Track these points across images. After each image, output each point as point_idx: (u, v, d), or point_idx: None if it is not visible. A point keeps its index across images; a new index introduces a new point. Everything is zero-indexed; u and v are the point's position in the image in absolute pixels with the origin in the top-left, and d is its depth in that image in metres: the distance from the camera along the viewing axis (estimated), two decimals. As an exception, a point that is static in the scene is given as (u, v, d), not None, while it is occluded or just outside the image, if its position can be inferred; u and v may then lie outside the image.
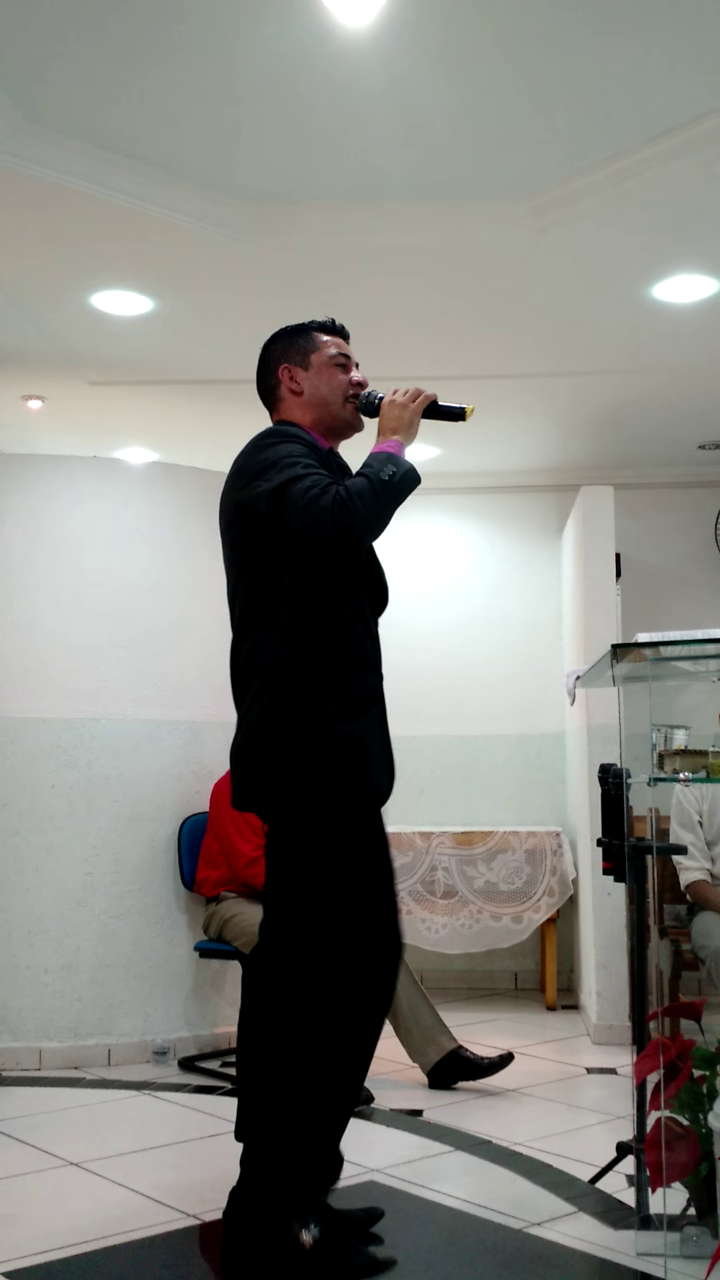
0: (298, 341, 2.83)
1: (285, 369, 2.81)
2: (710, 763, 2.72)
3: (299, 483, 2.53)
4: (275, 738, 2.58)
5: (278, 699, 2.58)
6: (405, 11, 3.02)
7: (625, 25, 3.07)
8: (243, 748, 2.66)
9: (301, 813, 2.59)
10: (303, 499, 2.50)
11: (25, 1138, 3.61)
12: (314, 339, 2.83)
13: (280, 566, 2.61)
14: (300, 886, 2.61)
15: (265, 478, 2.58)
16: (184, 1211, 2.97)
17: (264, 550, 2.63)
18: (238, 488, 2.67)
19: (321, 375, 2.80)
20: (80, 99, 3.41)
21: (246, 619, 2.69)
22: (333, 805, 2.58)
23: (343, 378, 2.81)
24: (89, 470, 4.96)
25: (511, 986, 6.36)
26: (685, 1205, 2.66)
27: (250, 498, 2.60)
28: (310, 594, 2.61)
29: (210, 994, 4.84)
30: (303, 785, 2.57)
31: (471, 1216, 2.94)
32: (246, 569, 2.68)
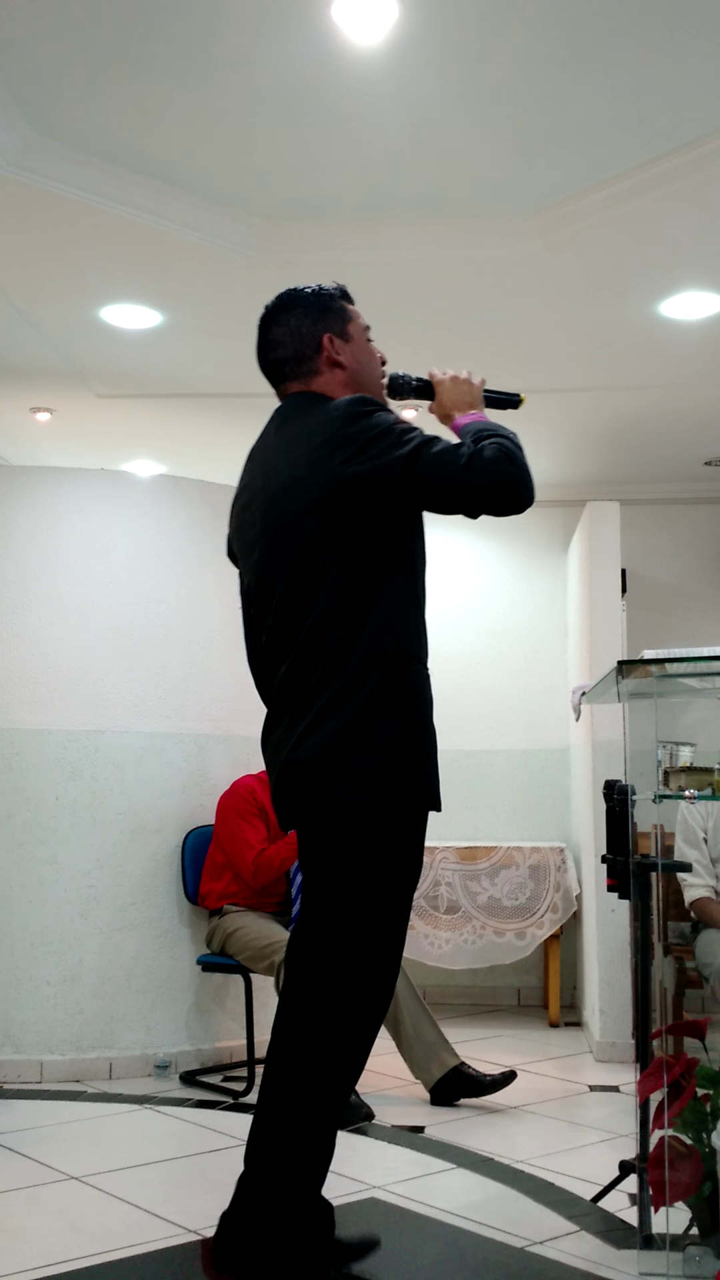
0: (332, 309, 2.59)
1: (330, 339, 2.55)
2: (716, 780, 2.72)
3: (436, 443, 2.33)
4: (371, 736, 2.35)
5: (376, 697, 2.36)
6: (415, 31, 3.04)
7: (632, 44, 3.08)
8: (325, 752, 2.36)
9: (381, 820, 2.38)
10: (458, 457, 2.30)
11: (26, 1151, 3.60)
12: (345, 309, 2.62)
13: (379, 551, 2.41)
14: (365, 897, 2.40)
15: (391, 444, 2.33)
16: (184, 1227, 2.96)
17: (365, 532, 2.40)
18: (335, 462, 2.37)
19: (361, 348, 2.60)
20: (92, 114, 3.43)
21: (338, 608, 2.39)
22: (411, 812, 2.43)
23: (376, 352, 2.64)
24: (96, 483, 4.97)
25: (514, 1003, 6.34)
26: (688, 1225, 2.65)
27: (372, 468, 2.34)
28: (400, 582, 2.45)
29: (212, 1008, 4.82)
30: (388, 792, 2.37)
31: (473, 1234, 2.93)
32: (338, 554, 2.40)
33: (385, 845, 2.41)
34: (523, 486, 2.33)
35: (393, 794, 2.39)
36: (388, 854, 2.41)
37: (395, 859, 2.43)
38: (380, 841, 2.40)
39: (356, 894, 2.41)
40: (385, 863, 2.41)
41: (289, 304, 2.61)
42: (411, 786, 2.41)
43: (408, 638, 2.45)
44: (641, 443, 5.95)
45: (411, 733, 2.41)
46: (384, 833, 2.40)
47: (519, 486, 2.32)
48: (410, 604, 2.48)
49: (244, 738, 4.95)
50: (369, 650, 2.38)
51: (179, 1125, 3.94)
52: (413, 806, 2.43)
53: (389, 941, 2.46)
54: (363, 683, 2.36)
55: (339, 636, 2.39)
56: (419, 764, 2.42)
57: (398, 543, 2.46)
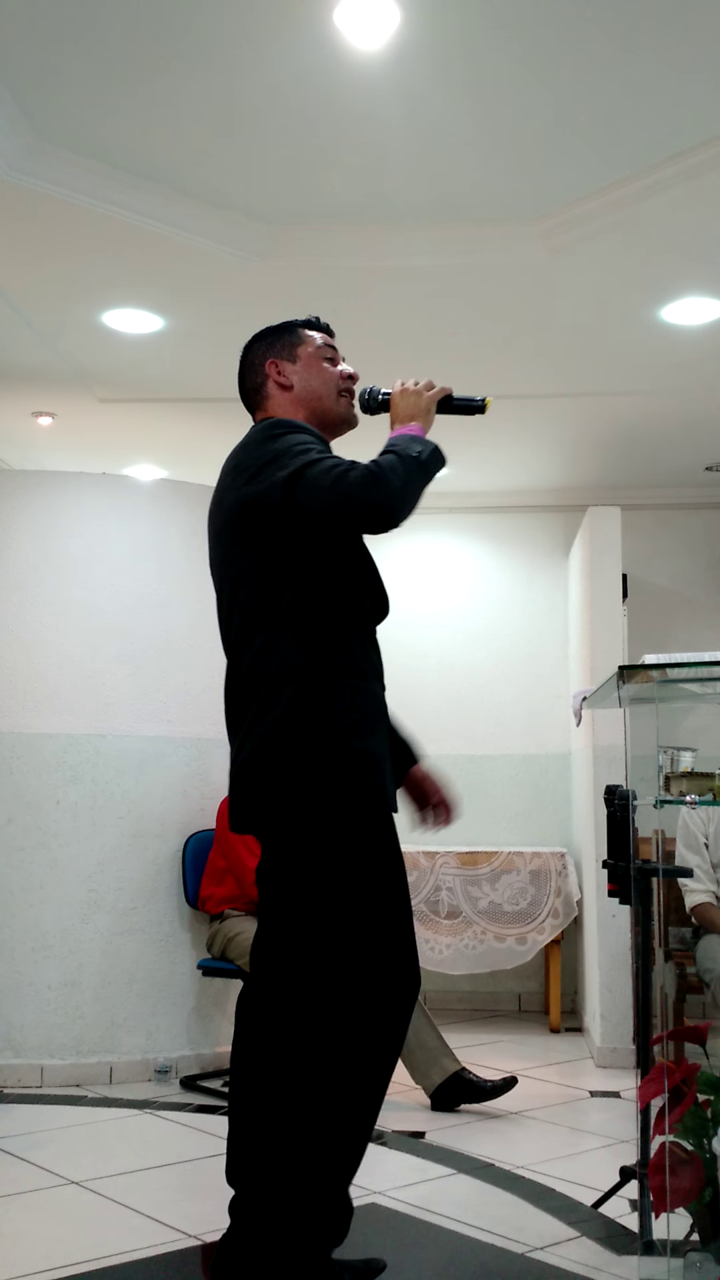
0: (283, 337, 2.71)
1: (272, 363, 2.67)
2: (717, 785, 2.72)
3: (318, 464, 2.35)
4: (287, 753, 2.38)
5: (290, 711, 2.39)
6: (417, 36, 3.04)
7: (635, 49, 3.09)
8: (248, 765, 2.45)
9: (315, 834, 2.38)
10: (326, 478, 2.31)
11: (26, 1155, 3.60)
12: (299, 334, 2.72)
13: (288, 567, 2.44)
14: (314, 914, 2.39)
15: (278, 466, 2.39)
16: (184, 1232, 2.95)
17: (270, 550, 2.45)
18: (239, 484, 2.48)
19: (311, 368, 2.66)
20: (93, 118, 3.44)
21: (249, 626, 2.48)
22: (349, 825, 2.39)
23: (332, 370, 2.68)
24: (98, 487, 4.98)
25: (515, 1008, 6.33)
26: (689, 1231, 2.64)
27: (259, 491, 2.42)
28: (319, 598, 2.45)
29: (213, 1012, 4.82)
30: (317, 804, 2.37)
31: (474, 1240, 2.92)
32: (248, 572, 2.49)
33: (315, 855, 2.39)
34: (374, 506, 2.29)
35: (314, 803, 2.37)
36: (318, 863, 2.39)
37: (333, 873, 2.38)
38: (309, 851, 2.39)
39: (294, 916, 2.41)
40: (317, 872, 2.39)
41: (252, 341, 2.77)
42: (337, 800, 2.37)
43: (326, 654, 2.42)
44: (643, 448, 5.95)
45: (332, 747, 2.38)
46: (312, 842, 2.39)
47: (369, 506, 2.29)
48: (335, 620, 2.46)
49: (245, 742, 4.94)
50: (280, 667, 2.42)
51: (179, 1130, 3.94)
52: (343, 820, 2.38)
53: (340, 949, 2.38)
54: (275, 700, 2.40)
55: (253, 654, 2.47)
56: (340, 771, 2.38)
57: (317, 560, 2.45)
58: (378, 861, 2.42)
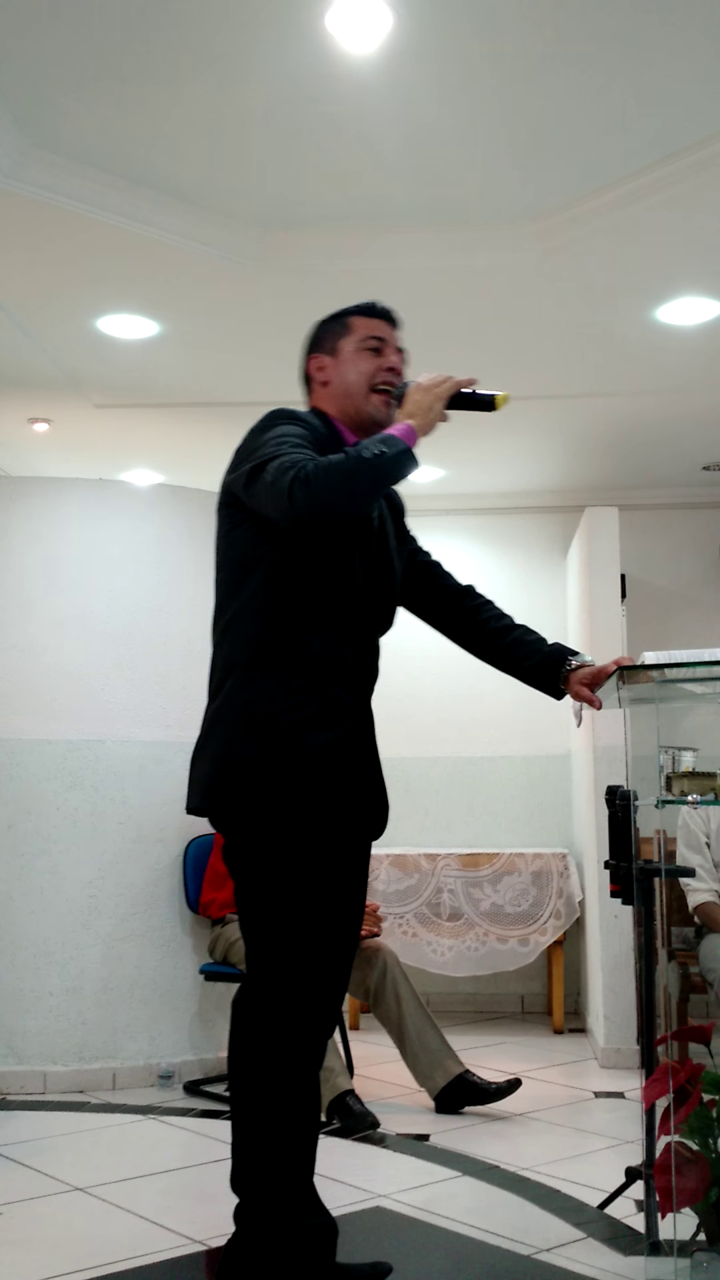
0: (330, 329, 2.62)
1: (314, 359, 2.61)
2: (718, 785, 2.71)
3: (275, 460, 2.29)
4: (221, 744, 2.38)
5: (228, 702, 2.39)
6: (410, 39, 3.04)
7: (629, 50, 3.09)
8: (195, 752, 2.49)
9: (248, 830, 2.38)
10: (272, 475, 2.27)
11: (29, 1162, 3.59)
12: (344, 323, 2.60)
13: (256, 557, 2.43)
14: (248, 906, 2.43)
15: (251, 457, 2.38)
16: (189, 1237, 2.95)
17: (241, 538, 2.46)
18: (228, 470, 2.50)
19: (348, 363, 2.56)
20: (87, 125, 3.44)
21: (217, 611, 2.52)
22: (276, 826, 2.34)
23: (370, 364, 2.56)
24: (94, 492, 4.97)
25: (518, 1010, 6.33)
26: (695, 1231, 2.64)
27: (231, 480, 2.45)
28: (282, 591, 2.40)
29: (215, 1017, 4.81)
30: (248, 799, 2.34)
31: (479, 1242, 2.92)
32: (224, 558, 2.53)
33: (242, 849, 2.41)
34: (290, 511, 2.22)
35: (243, 801, 2.35)
36: (253, 861, 2.39)
37: (263, 868, 2.38)
38: (243, 844, 2.40)
39: (242, 893, 2.45)
40: (252, 871, 2.40)
41: (311, 330, 2.68)
42: (265, 795, 2.33)
43: (277, 649, 2.38)
44: (640, 448, 5.95)
45: (265, 744, 2.33)
46: (235, 835, 2.41)
47: (289, 510, 2.22)
48: (297, 615, 2.40)
49: (245, 746, 4.94)
50: (228, 657, 2.44)
51: (183, 1135, 3.93)
52: (268, 814, 2.34)
53: (277, 950, 2.37)
54: (219, 689, 2.44)
55: (216, 638, 2.51)
56: (258, 772, 2.33)
57: (289, 554, 2.39)
58: (302, 867, 2.36)
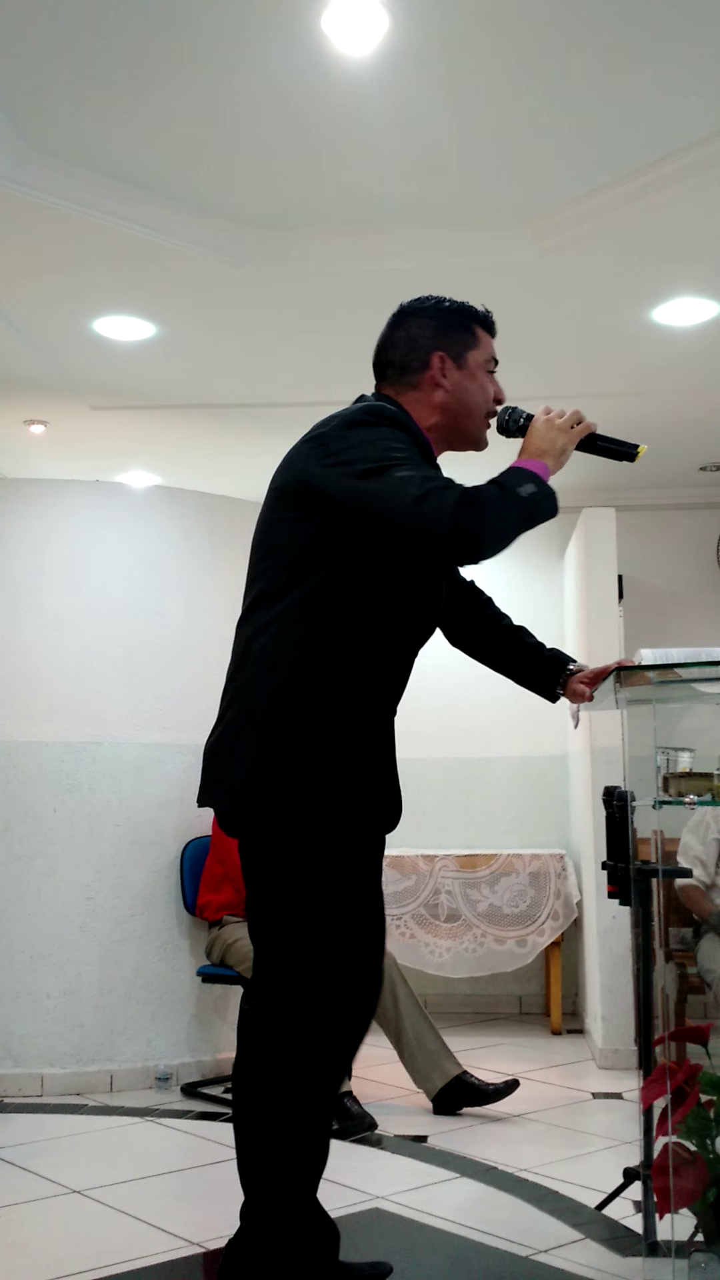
0: (458, 330, 2.47)
1: (440, 356, 2.43)
2: (715, 785, 2.72)
3: (409, 472, 2.14)
4: (258, 747, 2.25)
5: (267, 701, 2.26)
6: (406, 41, 3.04)
7: (625, 51, 3.09)
8: (215, 748, 2.36)
9: (283, 837, 2.29)
10: (418, 489, 2.11)
11: (27, 1165, 3.59)
12: (474, 333, 2.49)
13: (319, 556, 2.26)
14: (266, 916, 2.34)
15: (361, 458, 2.19)
16: (187, 1239, 2.94)
17: (308, 532, 2.27)
18: (315, 457, 2.27)
19: (474, 380, 2.47)
20: (83, 126, 3.44)
21: (261, 599, 2.32)
22: (315, 834, 2.27)
23: (491, 387, 2.51)
24: (91, 494, 4.97)
25: (516, 1011, 6.32)
26: (693, 1231, 2.64)
27: (328, 478, 2.22)
28: (346, 598, 2.27)
29: (213, 1019, 4.81)
30: (287, 807, 2.25)
31: (477, 1243, 2.92)
32: (283, 544, 2.30)
33: (269, 855, 2.32)
34: (458, 538, 2.13)
35: (274, 801, 2.26)
36: (277, 868, 2.31)
37: (288, 876, 2.29)
38: (262, 850, 2.33)
39: (256, 901, 2.37)
40: (274, 880, 2.31)
41: (420, 309, 2.51)
42: (296, 797, 2.25)
43: (327, 652, 2.26)
44: (636, 449, 5.95)
45: (297, 749, 2.24)
46: (263, 842, 2.32)
47: (453, 537, 2.12)
48: (353, 626, 2.28)
49: (242, 748, 4.93)
50: (271, 652, 2.27)
51: (181, 1137, 3.93)
52: (305, 818, 2.26)
53: (295, 951, 2.30)
54: (258, 684, 2.29)
55: (253, 630, 2.33)
56: (304, 775, 2.25)
57: (359, 559, 2.27)
58: (331, 873, 2.30)
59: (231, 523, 4.93)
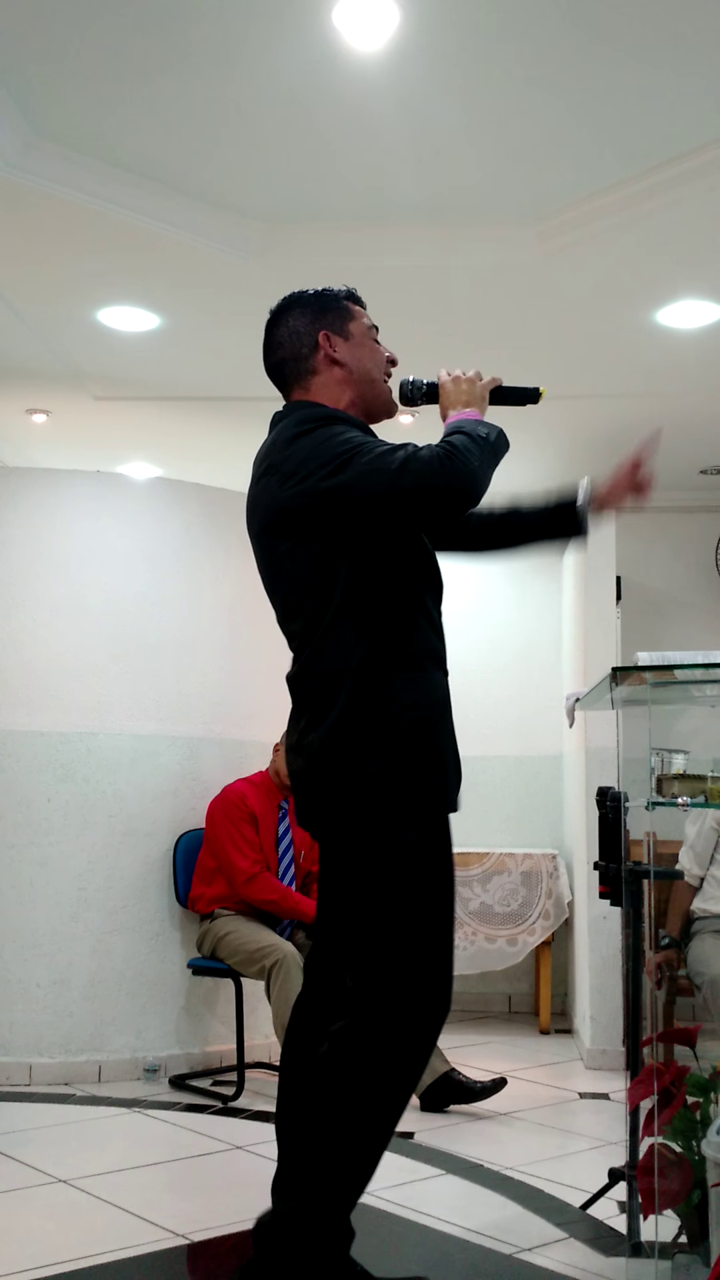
0: (331, 309, 2.52)
1: (325, 335, 2.48)
2: (709, 787, 2.72)
3: (372, 451, 2.22)
4: (345, 756, 2.29)
5: (348, 714, 2.29)
6: (416, 38, 3.04)
7: (633, 51, 3.09)
8: (308, 771, 2.36)
9: (373, 838, 2.29)
10: (389, 462, 2.18)
11: (14, 1154, 3.59)
12: (347, 308, 2.54)
13: (334, 564, 2.33)
14: (370, 918, 2.29)
15: (320, 463, 2.26)
16: (172, 1231, 2.95)
17: (315, 551, 2.34)
18: (273, 487, 2.35)
19: (363, 346, 2.50)
20: (91, 116, 3.43)
21: (309, 626, 2.37)
22: (407, 829, 2.28)
23: (379, 352, 2.54)
24: (92, 485, 4.97)
25: (505, 1009, 6.33)
26: (677, 1233, 2.64)
27: (299, 493, 2.29)
28: (371, 590, 2.34)
29: (202, 1011, 4.81)
30: (376, 809, 2.27)
31: (462, 1241, 2.92)
32: (297, 575, 2.38)
33: (384, 856, 2.29)
34: (455, 482, 2.19)
35: (381, 804, 2.28)
36: (389, 864, 2.29)
37: (398, 868, 2.29)
38: (378, 856, 2.29)
39: (367, 901, 2.31)
40: (387, 876, 2.29)
41: (290, 305, 2.57)
42: (401, 794, 2.28)
43: (383, 647, 2.33)
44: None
45: (394, 738, 2.29)
46: (381, 847, 2.29)
47: (449, 484, 2.19)
48: (391, 611, 2.36)
49: (237, 741, 4.94)
50: (334, 666, 2.33)
51: (168, 1129, 3.93)
52: (408, 814, 2.30)
53: (411, 949, 2.28)
54: (333, 699, 2.31)
55: (309, 654, 2.38)
56: (407, 769, 2.29)
57: (365, 551, 2.34)
58: (430, 865, 2.32)
59: (231, 516, 4.90)
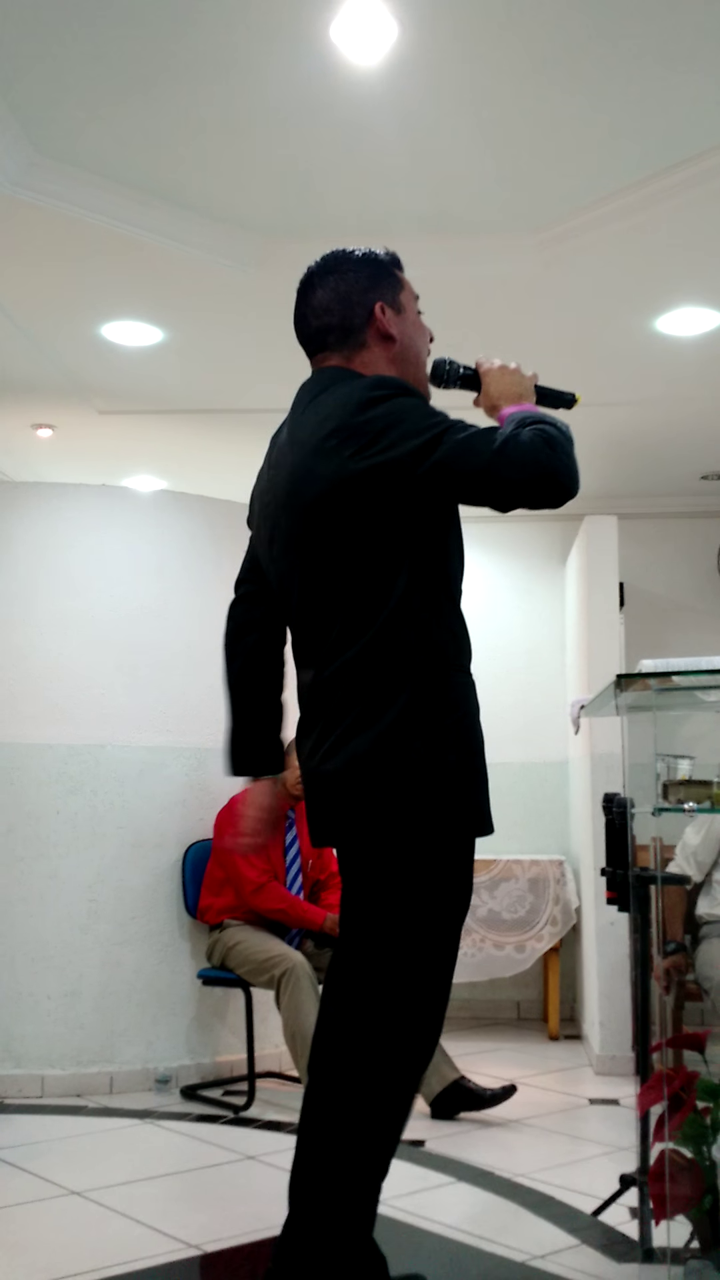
0: (385, 277, 2.33)
1: (382, 307, 2.29)
2: (715, 792, 2.73)
3: (464, 430, 2.06)
4: (400, 761, 2.12)
5: (404, 717, 2.12)
6: (414, 51, 3.07)
7: (631, 62, 3.11)
8: (351, 772, 2.15)
9: (406, 851, 2.16)
10: (487, 442, 2.05)
11: (27, 1166, 3.60)
12: (399, 278, 2.35)
13: (396, 557, 2.15)
14: (388, 933, 2.19)
15: (404, 433, 2.07)
16: (185, 1242, 2.95)
17: (381, 532, 2.14)
18: (345, 454, 2.12)
19: (413, 321, 2.34)
20: (93, 133, 3.46)
21: (355, 623, 2.16)
22: (443, 844, 2.18)
23: (425, 328, 2.39)
24: (97, 498, 4.99)
25: (514, 1016, 6.33)
26: (689, 1238, 2.65)
27: (383, 462, 2.08)
28: (430, 586, 2.18)
29: (213, 1022, 4.82)
30: (417, 820, 2.14)
31: (473, 1248, 2.93)
32: (349, 557, 2.16)
33: (420, 873, 2.17)
34: (561, 474, 2.07)
35: (427, 818, 2.15)
36: (423, 882, 2.17)
37: (432, 888, 2.18)
38: (414, 868, 2.17)
39: (390, 923, 2.19)
40: (420, 891, 2.17)
41: (337, 266, 2.34)
42: (449, 809, 2.17)
43: (443, 646, 2.19)
44: (639, 457, 5.97)
45: (451, 751, 2.17)
46: (419, 859, 2.17)
47: (556, 474, 2.06)
48: (447, 606, 2.22)
49: (244, 752, 4.94)
50: (397, 663, 2.14)
51: (180, 1140, 3.94)
52: (452, 831, 2.19)
53: (427, 970, 2.23)
54: (393, 698, 2.13)
55: (362, 648, 2.15)
56: (458, 784, 2.19)
57: (426, 540, 2.18)
58: (464, 881, 2.25)
59: (236, 528, 4.91)
